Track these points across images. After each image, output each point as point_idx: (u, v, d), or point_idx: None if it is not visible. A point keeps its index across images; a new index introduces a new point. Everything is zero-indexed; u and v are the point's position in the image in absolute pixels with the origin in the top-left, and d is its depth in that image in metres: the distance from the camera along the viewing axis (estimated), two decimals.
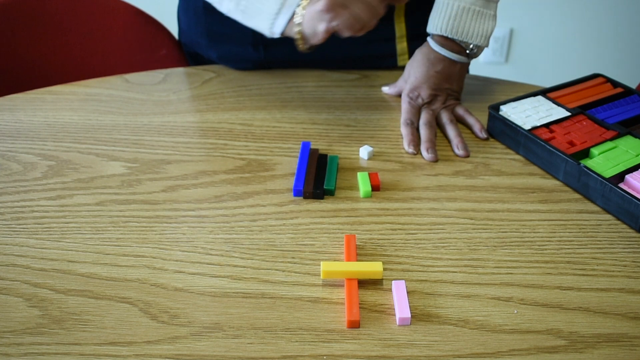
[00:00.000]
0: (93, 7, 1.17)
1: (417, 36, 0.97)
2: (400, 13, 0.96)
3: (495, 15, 0.82)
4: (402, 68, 1.00)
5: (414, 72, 0.87)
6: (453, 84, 0.86)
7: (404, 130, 0.82)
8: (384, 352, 0.54)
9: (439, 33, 0.83)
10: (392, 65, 1.00)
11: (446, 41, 0.84)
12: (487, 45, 0.84)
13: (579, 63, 2.18)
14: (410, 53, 0.99)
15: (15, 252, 0.64)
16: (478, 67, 2.14)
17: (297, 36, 0.78)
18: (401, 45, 0.98)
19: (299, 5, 0.77)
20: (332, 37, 0.96)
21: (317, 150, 0.79)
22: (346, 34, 0.76)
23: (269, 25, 0.80)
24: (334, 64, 1.00)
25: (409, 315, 0.56)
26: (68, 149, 0.80)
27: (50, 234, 0.66)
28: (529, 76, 2.14)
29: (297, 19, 0.77)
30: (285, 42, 0.98)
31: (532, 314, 0.57)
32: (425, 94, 0.85)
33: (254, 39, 0.96)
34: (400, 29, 0.97)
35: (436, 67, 0.85)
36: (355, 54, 0.98)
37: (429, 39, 0.86)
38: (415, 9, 0.96)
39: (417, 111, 0.85)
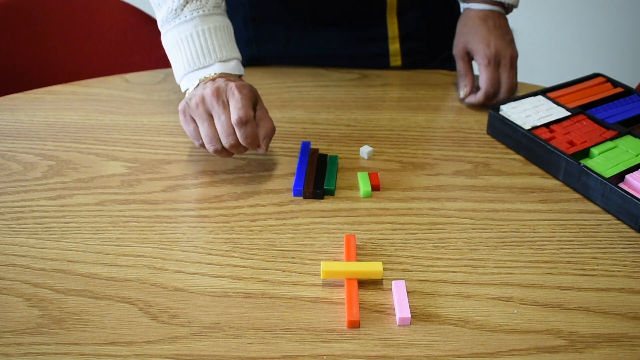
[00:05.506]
0: (93, 7, 1.17)
1: (409, 37, 0.98)
2: (393, 14, 0.96)
3: None
4: (395, 68, 1.00)
5: (488, 38, 0.88)
6: (506, 37, 0.89)
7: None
8: (384, 352, 0.54)
9: None
10: (384, 65, 1.00)
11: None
12: (516, 5, 0.90)
13: (579, 63, 2.18)
14: (403, 54, 0.99)
15: (15, 252, 0.64)
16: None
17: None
18: (394, 46, 0.98)
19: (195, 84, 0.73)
20: (325, 34, 0.97)
21: (317, 150, 0.79)
22: (195, 143, 0.72)
23: (178, 76, 0.76)
24: (327, 60, 1.00)
25: (409, 315, 0.56)
26: (68, 149, 0.80)
27: (50, 234, 0.66)
28: (529, 76, 2.14)
29: (187, 93, 0.73)
30: (278, 38, 0.98)
31: (532, 314, 0.57)
32: (506, 52, 0.87)
33: (247, 35, 0.97)
34: (392, 30, 0.97)
35: (491, 23, 0.88)
36: (348, 52, 0.99)
37: (472, 5, 0.90)
38: (407, 10, 0.96)
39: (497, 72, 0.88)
